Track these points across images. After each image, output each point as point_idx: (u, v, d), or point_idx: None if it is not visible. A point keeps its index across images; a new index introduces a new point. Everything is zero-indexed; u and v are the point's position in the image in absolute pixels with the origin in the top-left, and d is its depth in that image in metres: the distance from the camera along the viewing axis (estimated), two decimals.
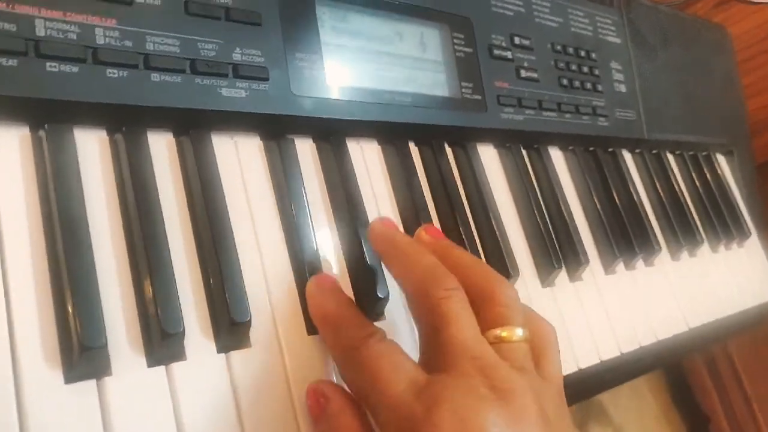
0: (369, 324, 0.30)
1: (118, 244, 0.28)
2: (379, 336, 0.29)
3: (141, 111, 0.29)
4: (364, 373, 0.27)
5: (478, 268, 0.32)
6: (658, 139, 0.63)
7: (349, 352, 0.28)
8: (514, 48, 0.50)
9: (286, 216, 0.34)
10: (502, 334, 0.29)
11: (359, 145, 0.40)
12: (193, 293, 0.29)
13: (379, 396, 0.26)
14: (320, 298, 0.31)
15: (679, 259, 0.60)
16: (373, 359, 0.27)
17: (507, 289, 0.31)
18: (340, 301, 0.31)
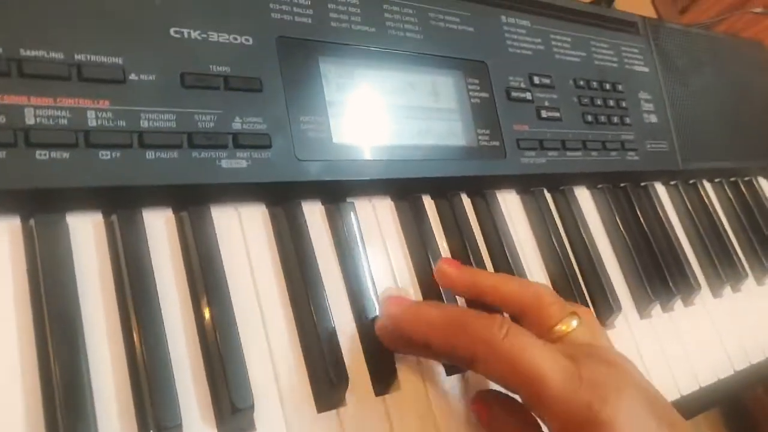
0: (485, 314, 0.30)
1: (114, 332, 0.27)
2: (508, 323, 0.29)
3: (136, 191, 0.29)
4: (518, 369, 0.28)
5: (510, 282, 0.35)
6: (694, 168, 0.59)
7: (491, 347, 0.28)
8: (534, 88, 0.48)
9: (293, 283, 0.32)
10: (563, 328, 0.32)
11: (371, 203, 0.38)
12: (193, 380, 0.28)
13: (542, 390, 0.27)
14: (416, 310, 0.32)
15: (722, 295, 0.56)
16: (524, 351, 0.28)
17: (545, 289, 0.34)
18: (436, 305, 0.33)
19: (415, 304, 0.33)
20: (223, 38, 0.33)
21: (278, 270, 0.33)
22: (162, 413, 0.25)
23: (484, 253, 0.41)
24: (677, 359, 0.49)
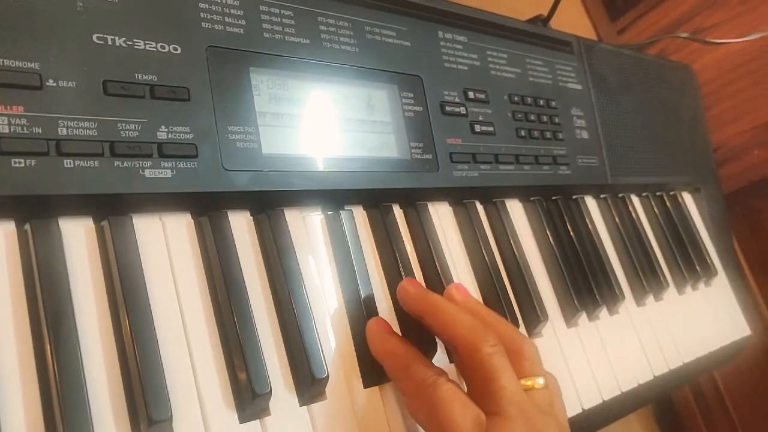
0: (434, 365, 0.35)
1: (26, 347, 0.26)
2: (446, 377, 0.34)
3: (52, 200, 0.28)
4: (437, 415, 0.32)
5: (505, 326, 0.38)
6: (622, 183, 0.62)
7: (423, 389, 0.33)
8: (468, 102, 0.49)
9: (217, 292, 0.32)
10: (528, 383, 0.35)
11: (302, 214, 0.38)
12: (110, 394, 0.27)
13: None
14: (385, 339, 0.36)
15: (645, 304, 0.59)
16: (444, 402, 0.32)
17: (531, 345, 0.37)
18: (405, 342, 0.36)
19: (385, 334, 0.36)
20: (150, 46, 0.32)
21: (202, 280, 0.33)
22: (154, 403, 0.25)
23: (414, 264, 0.42)
24: (601, 366, 0.51)
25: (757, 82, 1.09)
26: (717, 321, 0.66)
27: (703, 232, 0.72)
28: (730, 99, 1.12)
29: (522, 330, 0.46)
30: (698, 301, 0.65)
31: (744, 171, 1.11)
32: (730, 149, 1.12)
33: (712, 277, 0.68)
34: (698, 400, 1.19)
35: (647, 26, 1.24)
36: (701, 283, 0.67)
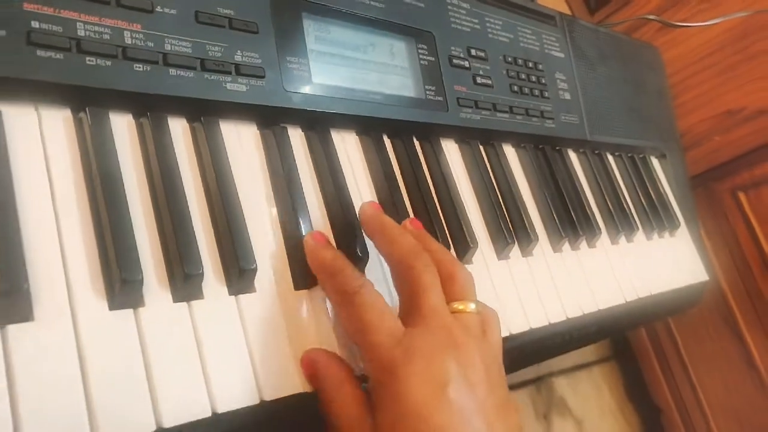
0: (361, 274, 0.37)
1: (146, 206, 0.34)
2: (369, 286, 0.36)
3: (161, 99, 0.36)
4: (356, 319, 0.35)
5: (446, 255, 0.40)
6: (599, 141, 0.71)
7: (345, 297, 0.35)
8: (471, 58, 0.58)
9: (280, 192, 0.40)
10: (459, 306, 0.37)
11: (340, 135, 0.46)
12: (207, 247, 0.35)
13: (367, 339, 0.34)
14: (318, 249, 0.38)
15: (618, 243, 0.68)
16: (364, 307, 0.34)
17: (465, 273, 0.39)
18: (335, 253, 0.38)
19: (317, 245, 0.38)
20: None
21: (268, 183, 0.40)
22: (187, 262, 0.32)
23: (430, 184, 0.50)
24: (581, 286, 0.60)
25: (718, 73, 1.20)
26: (680, 265, 0.76)
27: (668, 191, 0.82)
28: (693, 89, 1.23)
29: (516, 250, 0.55)
30: (664, 247, 0.75)
31: (706, 155, 1.22)
32: (694, 136, 1.23)
33: (676, 229, 0.78)
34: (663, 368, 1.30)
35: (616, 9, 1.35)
36: (666, 233, 0.77)
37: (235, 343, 0.34)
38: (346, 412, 0.33)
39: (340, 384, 0.35)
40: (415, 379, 0.31)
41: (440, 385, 0.31)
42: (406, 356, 0.32)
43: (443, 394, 0.31)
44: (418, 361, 0.32)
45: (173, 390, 0.31)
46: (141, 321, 0.31)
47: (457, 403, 0.31)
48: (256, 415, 0.33)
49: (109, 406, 0.28)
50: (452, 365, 0.33)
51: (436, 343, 0.33)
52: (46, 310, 0.28)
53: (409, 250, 0.37)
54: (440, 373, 0.32)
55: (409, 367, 0.32)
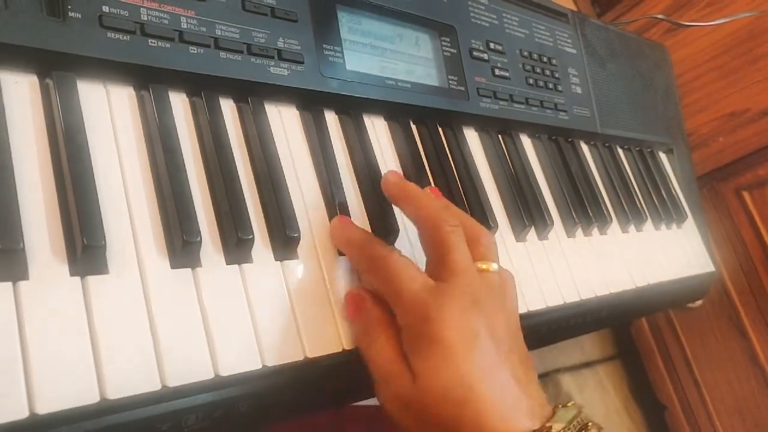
0: (388, 245, 0.40)
1: (201, 177, 0.37)
2: (398, 252, 0.38)
3: (214, 80, 0.39)
4: (388, 278, 0.37)
5: (470, 219, 0.42)
6: (609, 133, 0.74)
7: (375, 263, 0.38)
8: (489, 51, 0.61)
9: (320, 168, 0.43)
10: (483, 266, 0.39)
11: (370, 120, 0.49)
12: (254, 216, 0.38)
13: (401, 293, 0.36)
14: (344, 230, 0.41)
15: (628, 231, 0.70)
16: (396, 266, 0.37)
17: (489, 236, 0.41)
18: (361, 230, 0.41)
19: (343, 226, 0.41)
20: None
21: (310, 161, 0.43)
22: (241, 228, 0.35)
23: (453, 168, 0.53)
24: (593, 270, 0.62)
25: (723, 75, 1.23)
26: (687, 255, 0.79)
27: (676, 185, 0.85)
28: (699, 91, 1.26)
29: (533, 233, 0.58)
30: (671, 238, 0.78)
31: (711, 156, 1.25)
32: (700, 136, 1.26)
33: (683, 221, 0.81)
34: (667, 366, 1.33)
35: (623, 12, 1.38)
36: (674, 224, 0.80)
37: (280, 303, 0.37)
38: (387, 355, 0.36)
39: (384, 324, 0.37)
40: (449, 324, 0.34)
41: (471, 335, 0.34)
42: (439, 305, 0.34)
43: (474, 343, 0.34)
44: (450, 310, 0.34)
45: (228, 343, 0.33)
46: (198, 280, 0.34)
47: (486, 353, 0.34)
48: (299, 371, 0.36)
49: (173, 349, 0.31)
50: (481, 319, 0.35)
51: (465, 298, 0.35)
52: (119, 265, 0.31)
53: (437, 211, 0.39)
54: (470, 324, 0.34)
55: (443, 314, 0.34)
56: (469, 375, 0.33)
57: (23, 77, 0.33)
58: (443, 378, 0.33)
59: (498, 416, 0.32)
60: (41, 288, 0.28)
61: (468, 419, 0.32)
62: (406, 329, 0.35)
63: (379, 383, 0.36)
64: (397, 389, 0.35)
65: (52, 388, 0.27)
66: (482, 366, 0.33)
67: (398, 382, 0.35)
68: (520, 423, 0.33)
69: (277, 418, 0.38)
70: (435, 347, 0.33)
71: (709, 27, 1.17)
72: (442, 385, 0.33)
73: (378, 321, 0.37)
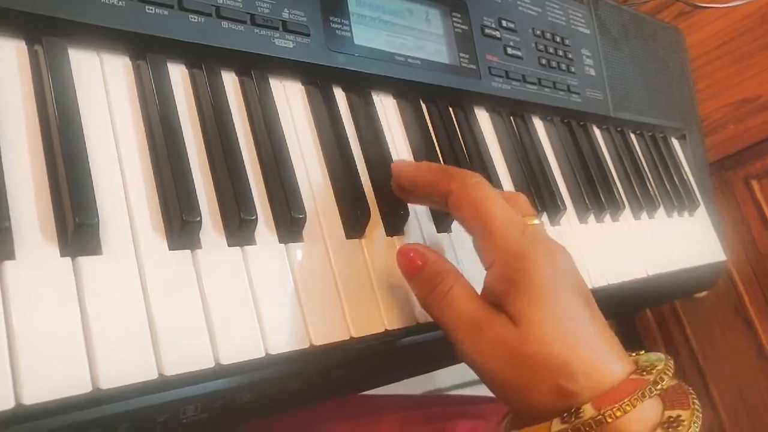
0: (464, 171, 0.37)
1: (201, 153, 0.35)
2: (482, 178, 0.36)
3: (215, 51, 0.36)
4: (477, 211, 0.35)
5: None
6: (622, 117, 0.72)
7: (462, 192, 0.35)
8: (502, 29, 0.58)
9: (328, 148, 0.41)
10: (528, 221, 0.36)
11: (379, 97, 0.47)
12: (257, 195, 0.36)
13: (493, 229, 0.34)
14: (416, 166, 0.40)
15: (640, 218, 0.68)
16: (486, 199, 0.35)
17: (518, 193, 0.40)
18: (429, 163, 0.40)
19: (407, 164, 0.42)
20: None
21: (316, 139, 0.41)
22: (244, 208, 0.33)
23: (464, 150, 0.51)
24: (606, 257, 0.61)
25: (735, 61, 1.21)
26: (699, 243, 0.77)
27: (688, 172, 0.83)
28: (711, 76, 1.23)
29: (545, 219, 0.56)
30: (684, 225, 0.76)
31: (721, 143, 1.22)
32: (710, 123, 1.23)
33: (695, 208, 0.79)
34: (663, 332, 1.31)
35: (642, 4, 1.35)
36: (686, 212, 0.77)
37: (284, 288, 0.35)
38: (468, 303, 0.34)
39: (455, 273, 0.35)
40: (546, 263, 0.33)
41: (566, 277, 0.33)
42: (533, 244, 0.33)
43: (572, 285, 0.33)
44: (542, 250, 0.34)
45: (229, 329, 0.32)
46: (198, 262, 0.32)
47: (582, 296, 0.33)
48: (304, 359, 0.34)
49: (171, 336, 0.29)
50: (567, 260, 0.35)
51: (549, 240, 0.35)
52: (113, 246, 0.29)
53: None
54: (561, 266, 0.34)
55: (539, 253, 0.33)
56: (574, 317, 0.32)
57: (10, 42, 0.30)
58: (550, 319, 0.31)
59: (605, 358, 0.31)
60: (29, 269, 0.26)
61: (579, 361, 0.31)
62: (499, 266, 0.34)
63: (465, 335, 0.33)
64: (494, 335, 0.32)
65: (40, 377, 0.25)
66: (583, 308, 0.33)
67: (493, 327, 0.32)
68: (622, 363, 0.32)
69: (281, 408, 0.36)
70: (537, 287, 0.32)
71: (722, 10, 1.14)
72: (553, 327, 0.31)
73: (446, 270, 0.35)
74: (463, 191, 0.36)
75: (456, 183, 0.36)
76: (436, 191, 0.37)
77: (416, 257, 0.36)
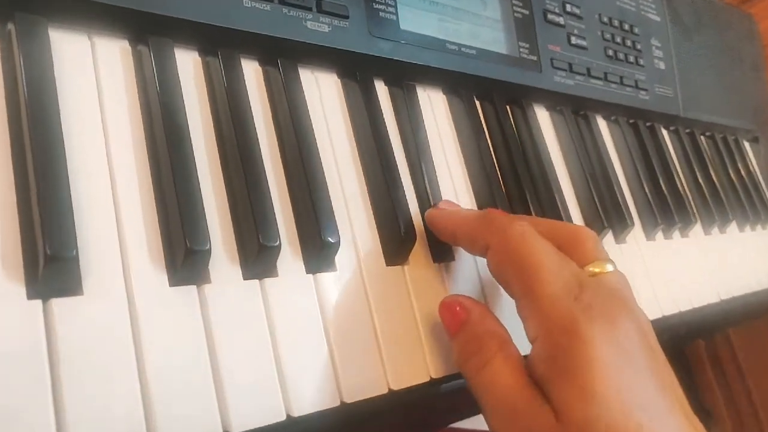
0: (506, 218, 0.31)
1: (214, 162, 0.28)
2: (529, 226, 0.29)
3: (234, 35, 0.30)
4: (520, 263, 0.28)
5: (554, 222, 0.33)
6: (692, 118, 0.63)
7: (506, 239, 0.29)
8: (566, 15, 0.50)
9: (366, 153, 0.34)
10: (596, 269, 0.29)
11: (426, 93, 0.40)
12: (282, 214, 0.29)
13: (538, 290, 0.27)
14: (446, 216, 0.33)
15: (711, 233, 0.60)
16: (532, 248, 0.28)
17: (586, 229, 0.32)
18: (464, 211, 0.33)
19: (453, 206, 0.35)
20: None
21: (352, 140, 0.34)
22: (264, 233, 0.27)
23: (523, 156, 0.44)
24: (676, 280, 0.53)
25: None
26: None
27: (761, 179, 0.74)
28: None
29: (610, 237, 0.48)
30: (757, 241, 0.67)
31: None
32: None
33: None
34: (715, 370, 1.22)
35: None
36: (759, 225, 0.69)
37: (312, 330, 0.28)
38: (509, 381, 0.27)
39: (499, 340, 0.28)
40: (602, 341, 0.25)
41: (627, 352, 0.26)
42: (589, 313, 0.26)
43: (633, 364, 0.25)
44: (601, 322, 0.26)
45: (242, 384, 0.25)
46: (206, 299, 0.26)
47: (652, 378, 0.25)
48: (336, 419, 0.28)
49: (168, 400, 0.23)
50: (636, 326, 0.27)
51: (614, 301, 0.27)
52: (98, 282, 0.23)
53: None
54: (626, 337, 0.26)
55: (595, 326, 0.26)
56: (636, 408, 0.24)
57: None
58: (604, 414, 0.24)
59: None
60: None
61: None
62: (544, 343, 0.27)
63: (498, 419, 0.27)
64: (530, 427, 0.26)
65: None
66: (656, 396, 0.25)
67: (532, 418, 0.26)
68: None
69: None
70: (589, 375, 0.25)
71: None
72: (604, 424, 0.24)
73: (491, 335, 0.29)
74: (504, 247, 0.29)
75: (495, 236, 0.30)
76: (475, 247, 0.31)
77: (460, 310, 0.30)
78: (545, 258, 0.28)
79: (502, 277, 0.30)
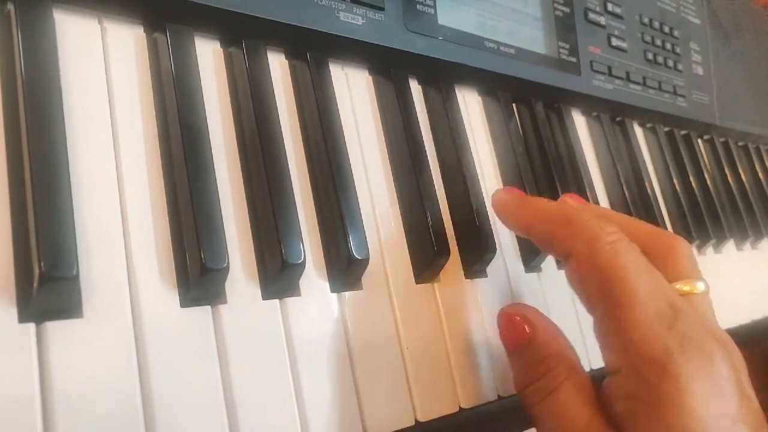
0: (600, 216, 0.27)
1: (234, 167, 0.25)
2: (621, 234, 0.25)
3: (258, 24, 0.27)
4: (611, 281, 0.24)
5: (646, 224, 0.29)
6: (728, 126, 0.60)
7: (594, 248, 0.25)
8: (607, 14, 0.47)
9: (398, 159, 0.31)
10: (686, 288, 0.26)
11: (461, 93, 0.37)
12: (306, 227, 0.27)
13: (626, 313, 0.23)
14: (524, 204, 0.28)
15: (743, 249, 0.57)
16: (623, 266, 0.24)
17: (683, 242, 0.28)
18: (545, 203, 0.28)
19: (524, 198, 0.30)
20: None
21: (381, 138, 0.31)
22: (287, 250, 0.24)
23: None
24: None
25: None
26: None
27: None
28: None
29: None
30: None
31: None
32: None
33: None
34: None
35: None
36: None
37: (335, 355, 0.25)
38: (573, 414, 0.24)
39: (568, 365, 0.25)
40: (697, 378, 0.22)
41: (724, 398, 0.22)
42: (682, 347, 0.22)
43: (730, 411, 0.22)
44: (696, 356, 0.22)
45: (258, 414, 0.23)
46: (221, 321, 0.23)
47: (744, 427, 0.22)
48: None
49: (175, 425, 0.20)
50: (729, 368, 0.23)
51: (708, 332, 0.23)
52: (100, 304, 0.20)
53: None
54: (722, 379, 0.23)
55: (690, 365, 0.22)
56: None
57: None
58: None
59: None
60: None
61: None
62: (628, 376, 0.23)
63: None
64: None
65: None
66: None
67: None
68: None
69: None
70: (679, 419, 0.21)
71: None
72: None
73: (559, 358, 0.25)
74: (591, 260, 0.25)
75: (581, 244, 0.25)
76: (552, 248, 0.27)
77: (525, 325, 0.26)
78: (638, 278, 0.24)
79: (582, 290, 0.26)
